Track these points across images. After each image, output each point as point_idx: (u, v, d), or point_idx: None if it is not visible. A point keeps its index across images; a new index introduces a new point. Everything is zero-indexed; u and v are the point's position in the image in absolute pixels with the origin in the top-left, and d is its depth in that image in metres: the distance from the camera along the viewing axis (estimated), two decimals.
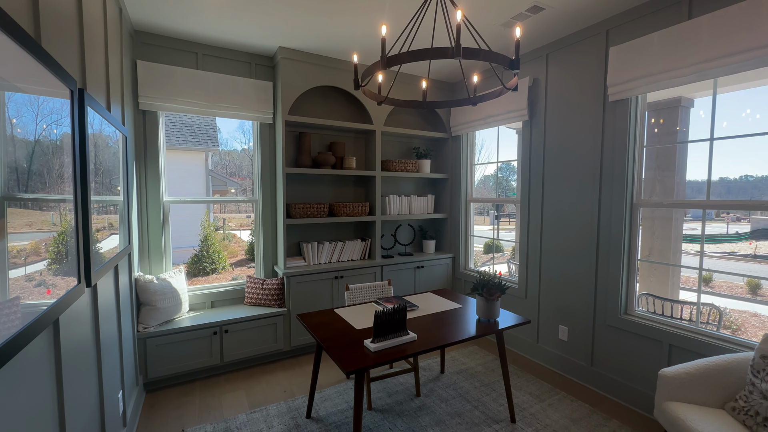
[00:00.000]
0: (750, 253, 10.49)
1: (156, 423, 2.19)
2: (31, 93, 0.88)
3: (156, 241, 2.78)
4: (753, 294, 6.49)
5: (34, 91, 0.90)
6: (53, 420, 1.04)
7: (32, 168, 0.90)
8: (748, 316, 5.45)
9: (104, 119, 1.61)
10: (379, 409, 2.33)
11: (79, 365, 1.28)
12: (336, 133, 3.48)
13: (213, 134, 10.03)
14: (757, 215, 14.95)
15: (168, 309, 2.63)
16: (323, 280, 3.14)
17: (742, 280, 7.46)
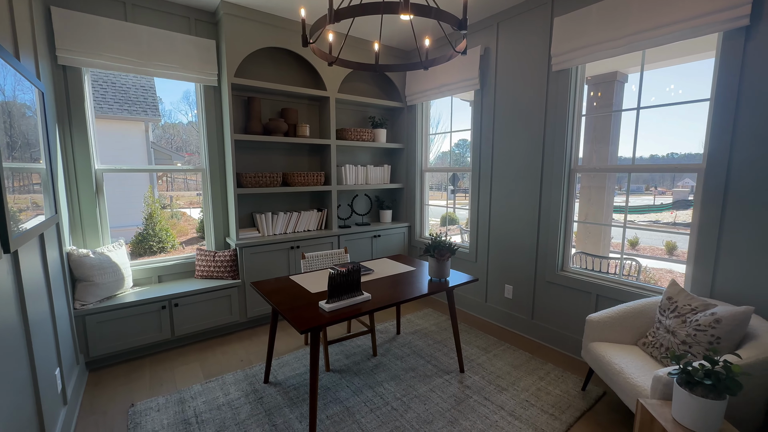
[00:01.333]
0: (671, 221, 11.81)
1: (102, 399, 2.10)
2: None
3: (90, 212, 2.55)
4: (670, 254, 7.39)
5: None
6: None
7: None
8: (664, 272, 6.22)
9: (10, 66, 1.41)
10: (337, 369, 2.41)
11: (5, 346, 1.18)
12: (288, 99, 3.33)
13: (153, 103, 9.19)
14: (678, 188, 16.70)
15: (108, 284, 2.47)
16: (279, 251, 3.10)
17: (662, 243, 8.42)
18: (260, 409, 2.01)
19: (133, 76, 8.15)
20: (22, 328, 1.38)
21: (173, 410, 2.00)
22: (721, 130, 1.86)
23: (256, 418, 1.94)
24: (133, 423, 1.89)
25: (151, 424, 1.89)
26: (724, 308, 1.63)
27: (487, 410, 2.00)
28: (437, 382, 2.27)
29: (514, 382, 2.27)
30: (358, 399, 2.10)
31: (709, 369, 1.27)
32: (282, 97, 3.29)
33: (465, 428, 1.86)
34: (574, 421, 1.91)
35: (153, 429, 1.85)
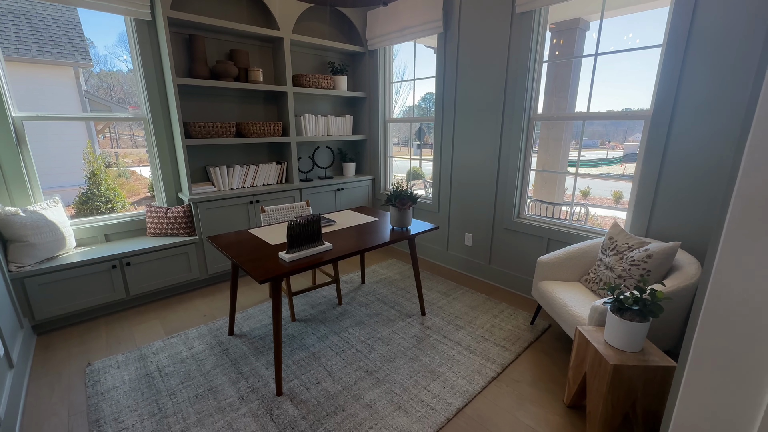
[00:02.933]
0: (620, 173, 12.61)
1: (55, 361, 2.02)
2: None
3: (12, 167, 2.28)
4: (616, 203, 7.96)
5: None
6: None
7: None
8: (610, 219, 6.73)
9: None
10: (302, 319, 2.46)
11: None
12: (236, 39, 3.02)
13: (81, 45, 8.06)
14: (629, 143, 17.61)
15: (47, 244, 2.28)
16: (237, 206, 2.98)
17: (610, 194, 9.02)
18: (226, 359, 2.03)
19: (51, 9, 7.00)
20: None
21: (134, 366, 1.97)
22: (669, 76, 1.93)
23: (222, 368, 1.96)
24: (91, 381, 1.86)
25: (111, 380, 1.86)
26: (656, 244, 1.80)
27: (446, 347, 2.15)
28: (400, 324, 2.38)
29: (470, 321, 2.43)
30: (323, 344, 2.17)
31: (637, 297, 1.41)
32: (230, 36, 2.97)
33: (424, 363, 2.00)
34: (522, 351, 2.11)
35: (113, 385, 1.83)
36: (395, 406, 1.70)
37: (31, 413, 1.67)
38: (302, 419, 1.62)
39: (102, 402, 1.72)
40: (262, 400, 1.73)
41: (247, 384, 1.84)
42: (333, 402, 1.72)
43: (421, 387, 1.82)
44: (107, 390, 1.79)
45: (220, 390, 1.79)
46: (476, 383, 1.85)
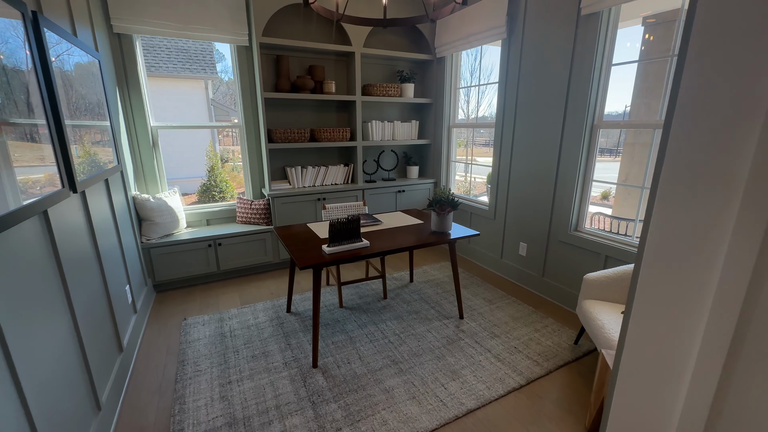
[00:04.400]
0: None
1: (164, 314, 2.66)
2: None
3: (149, 164, 3.03)
4: None
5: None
6: (60, 295, 1.36)
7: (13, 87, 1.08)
8: None
9: (71, 44, 1.73)
10: (349, 307, 2.73)
11: (80, 260, 1.60)
12: (315, 55, 3.44)
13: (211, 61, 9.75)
14: None
15: (166, 224, 2.98)
16: (306, 202, 3.40)
17: None
18: (280, 331, 2.42)
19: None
20: (94, 253, 1.81)
21: (214, 326, 2.48)
22: None
23: (275, 337, 2.34)
24: (184, 332, 2.41)
25: (197, 333, 2.39)
26: None
27: (474, 351, 2.19)
28: (435, 324, 2.49)
29: (508, 331, 2.41)
30: (361, 331, 2.41)
31: None
32: (309, 54, 3.41)
33: (449, 363, 2.09)
34: (555, 368, 2.04)
35: (197, 337, 2.34)
36: (410, 395, 1.84)
37: (144, 348, 2.26)
38: (328, 390, 1.87)
39: (188, 348, 2.23)
40: (300, 369, 2.04)
41: (292, 354, 2.17)
42: (357, 381, 1.94)
43: (440, 384, 1.92)
44: (193, 340, 2.31)
45: (270, 355, 2.16)
46: (495, 390, 1.87)
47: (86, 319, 1.58)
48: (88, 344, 1.55)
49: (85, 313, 1.58)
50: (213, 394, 1.85)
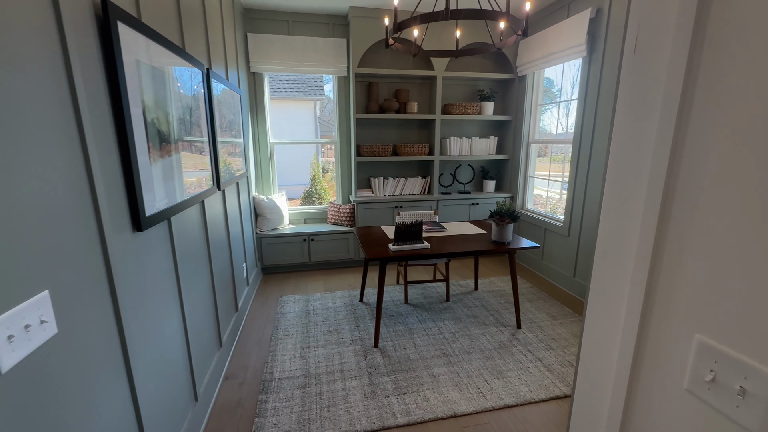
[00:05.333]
0: None
1: (267, 290, 3.35)
2: (182, 64, 1.67)
3: (266, 171, 3.83)
4: None
5: (187, 70, 1.69)
6: (206, 259, 2.00)
7: (186, 117, 1.72)
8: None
9: (224, 86, 2.46)
10: (413, 304, 3.03)
11: (216, 238, 2.26)
12: (401, 80, 3.90)
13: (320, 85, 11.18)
14: None
15: (274, 220, 3.72)
16: (385, 209, 3.84)
17: None
18: (351, 315, 2.85)
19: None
20: (226, 235, 2.49)
21: (301, 304, 3.04)
22: None
23: (347, 320, 2.78)
24: (279, 305, 3.02)
25: (288, 308, 2.97)
26: None
27: (525, 358, 2.28)
28: (491, 330, 2.63)
29: (565, 346, 2.42)
30: (420, 326, 2.69)
31: None
32: (396, 79, 3.87)
33: (496, 364, 2.23)
34: None
35: (288, 311, 2.92)
36: (453, 383, 2.06)
37: (251, 312, 2.92)
38: (383, 366, 2.21)
39: (281, 318, 2.81)
40: (363, 346, 2.42)
41: (359, 334, 2.57)
42: (409, 364, 2.23)
43: (483, 379, 2.09)
44: (285, 313, 2.89)
45: (341, 332, 2.60)
46: (537, 394, 1.97)
47: (219, 280, 2.22)
48: (218, 298, 2.18)
49: (219, 276, 2.22)
50: (295, 353, 2.35)
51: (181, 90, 1.66)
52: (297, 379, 2.10)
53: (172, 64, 1.56)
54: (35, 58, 0.81)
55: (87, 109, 0.98)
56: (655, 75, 0.71)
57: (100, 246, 1.03)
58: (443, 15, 1.73)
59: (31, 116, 0.79)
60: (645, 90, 0.74)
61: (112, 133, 1.11)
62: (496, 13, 1.73)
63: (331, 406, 1.89)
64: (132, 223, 1.20)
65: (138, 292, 1.23)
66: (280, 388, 2.02)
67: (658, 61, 0.70)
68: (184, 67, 1.70)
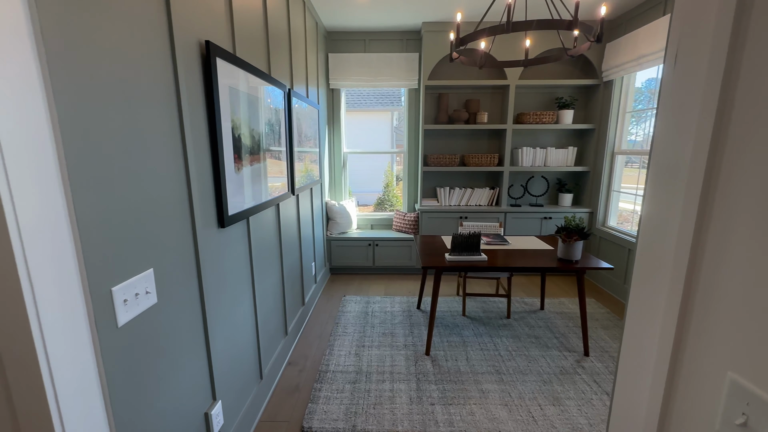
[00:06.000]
0: None
1: (332, 289, 3.60)
2: (266, 86, 1.96)
3: (338, 179, 4.13)
4: None
5: (272, 90, 1.97)
6: (277, 256, 2.27)
7: (268, 132, 2.01)
8: None
9: (304, 102, 2.77)
10: (471, 317, 2.98)
11: (288, 238, 2.54)
12: (472, 91, 3.88)
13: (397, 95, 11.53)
14: None
15: (343, 224, 3.98)
16: (450, 218, 3.83)
17: None
18: (407, 321, 2.91)
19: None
20: (298, 236, 2.78)
21: (361, 305, 3.21)
22: None
23: (402, 324, 2.86)
24: (342, 304, 3.23)
25: (350, 307, 3.16)
26: None
27: (588, 389, 2.10)
28: (553, 353, 2.46)
29: None
30: (475, 339, 2.64)
31: None
32: (467, 90, 3.87)
33: (554, 390, 2.09)
34: None
35: (349, 310, 3.10)
36: (503, 402, 1.99)
37: (316, 307, 3.18)
38: (432, 374, 2.23)
39: (342, 316, 3.00)
40: (415, 352, 2.47)
41: (412, 340, 2.63)
42: (458, 376, 2.22)
43: (537, 404, 1.98)
44: (346, 312, 3.09)
45: (396, 336, 2.68)
46: (597, 429, 1.80)
47: (288, 275, 2.49)
48: (287, 291, 2.45)
49: (288, 271, 2.49)
50: (351, 350, 2.51)
51: (264, 108, 1.94)
52: (349, 374, 2.24)
53: (258, 86, 1.84)
54: (156, 93, 1.08)
55: (189, 129, 1.24)
56: (693, 89, 0.67)
57: (192, 237, 1.28)
58: (504, 28, 1.73)
59: (152, 136, 1.05)
60: (684, 103, 0.70)
61: (207, 147, 1.38)
62: (561, 22, 1.67)
63: (377, 404, 1.98)
64: (217, 220, 1.46)
65: (218, 277, 1.48)
66: (334, 380, 2.18)
67: (697, 75, 0.66)
68: (268, 87, 1.99)
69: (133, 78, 0.99)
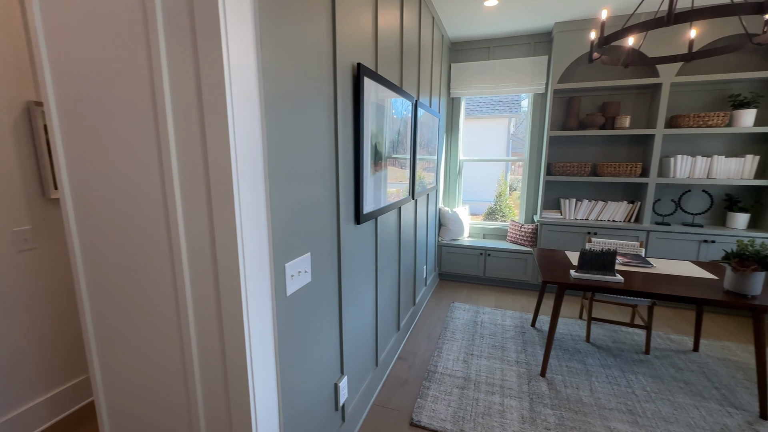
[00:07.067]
0: None
1: (440, 294, 3.64)
2: (397, 98, 2.14)
3: (452, 186, 4.17)
4: None
5: (401, 101, 2.16)
6: (396, 255, 2.43)
7: (396, 139, 2.19)
8: None
9: (427, 111, 2.91)
10: (597, 345, 2.65)
11: (406, 239, 2.69)
12: (610, 92, 3.46)
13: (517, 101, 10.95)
14: None
15: (455, 231, 4.00)
16: (574, 233, 3.48)
17: None
18: (520, 338, 2.76)
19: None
20: (413, 239, 2.92)
21: (470, 314, 3.17)
22: None
23: (514, 340, 2.72)
24: (450, 310, 3.24)
25: (458, 314, 3.16)
26: None
27: None
28: (712, 407, 2.01)
29: None
30: (602, 370, 2.34)
31: None
32: (604, 91, 3.47)
33: None
34: None
35: (458, 317, 3.10)
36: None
37: (425, 309, 3.27)
38: (548, 398, 2.07)
39: (450, 321, 3.02)
40: (528, 370, 2.33)
41: (525, 357, 2.48)
42: (579, 407, 2.01)
43: None
44: (455, 318, 3.09)
45: (507, 350, 2.57)
46: None
47: (403, 274, 2.64)
48: (401, 289, 2.60)
49: (404, 270, 2.65)
50: (459, 355, 2.51)
51: (395, 119, 2.13)
52: (457, 379, 2.25)
53: (392, 99, 2.03)
54: (322, 107, 1.32)
55: (341, 138, 1.47)
56: None
57: (336, 231, 1.51)
58: (665, 20, 1.53)
59: (317, 143, 1.29)
60: None
61: (351, 153, 1.60)
62: (745, 5, 1.39)
63: (486, 414, 1.94)
64: (354, 217, 1.67)
65: (351, 267, 1.69)
66: (442, 382, 2.22)
67: None
68: (399, 99, 2.17)
69: (309, 96, 1.23)
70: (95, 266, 1.14)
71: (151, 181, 0.99)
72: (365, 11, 1.66)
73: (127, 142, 1.00)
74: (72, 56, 1.02)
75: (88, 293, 1.17)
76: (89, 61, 1.00)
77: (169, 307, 1.06)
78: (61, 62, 1.04)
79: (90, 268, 1.15)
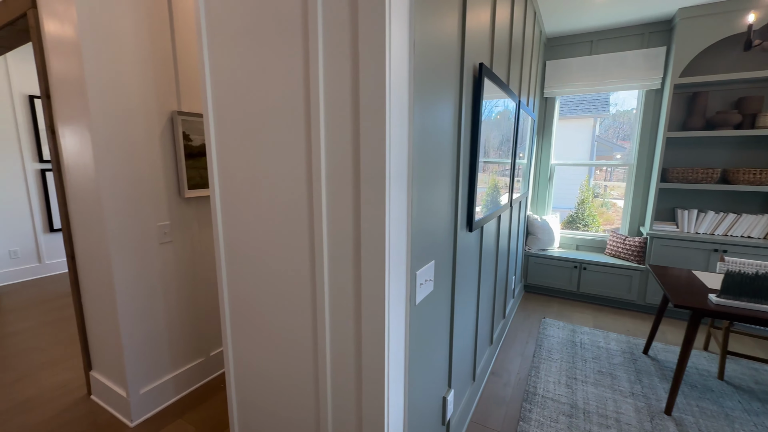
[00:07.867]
0: None
1: (528, 308, 3.39)
2: (505, 98, 2.02)
3: (542, 192, 3.88)
4: None
5: (508, 101, 2.03)
6: (494, 262, 2.30)
7: (505, 142, 2.06)
8: None
9: (526, 112, 2.72)
10: (734, 384, 2.24)
11: (502, 248, 2.53)
12: (749, 86, 2.93)
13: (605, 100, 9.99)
14: None
15: (544, 240, 3.71)
16: (695, 250, 3.01)
17: None
18: (631, 365, 2.44)
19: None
20: (507, 247, 2.74)
21: (566, 332, 2.89)
22: None
23: (625, 367, 2.41)
24: (543, 326, 3.00)
25: (551, 331, 2.90)
26: None
27: None
28: None
29: None
30: (746, 417, 1.95)
31: None
32: (740, 85, 2.95)
33: None
34: None
35: (552, 335, 2.85)
36: None
37: (513, 325, 3.06)
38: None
39: (544, 339, 2.79)
40: (648, 406, 2.03)
41: (641, 390, 2.18)
42: None
43: None
44: (548, 335, 2.84)
45: (617, 378, 2.28)
46: None
47: (499, 284, 2.49)
48: (496, 299, 2.45)
49: (499, 280, 2.50)
50: (560, 378, 2.29)
51: (501, 120, 2.01)
52: (562, 405, 2.04)
53: (501, 99, 1.91)
54: (449, 110, 1.26)
55: (462, 142, 1.40)
56: None
57: (453, 237, 1.44)
58: None
59: (444, 148, 1.24)
60: None
61: (468, 156, 1.52)
62: None
63: None
64: (467, 224, 1.59)
65: (462, 276, 1.61)
66: (545, 406, 2.03)
67: None
68: (506, 100, 2.04)
69: (440, 96, 1.18)
70: (235, 261, 1.21)
71: (297, 187, 1.02)
72: (485, 8, 1.58)
73: (277, 147, 1.04)
74: (229, 72, 1.09)
75: (228, 288, 1.25)
76: (246, 73, 1.06)
77: (305, 308, 1.08)
78: (219, 77, 1.12)
79: (231, 262, 1.22)
